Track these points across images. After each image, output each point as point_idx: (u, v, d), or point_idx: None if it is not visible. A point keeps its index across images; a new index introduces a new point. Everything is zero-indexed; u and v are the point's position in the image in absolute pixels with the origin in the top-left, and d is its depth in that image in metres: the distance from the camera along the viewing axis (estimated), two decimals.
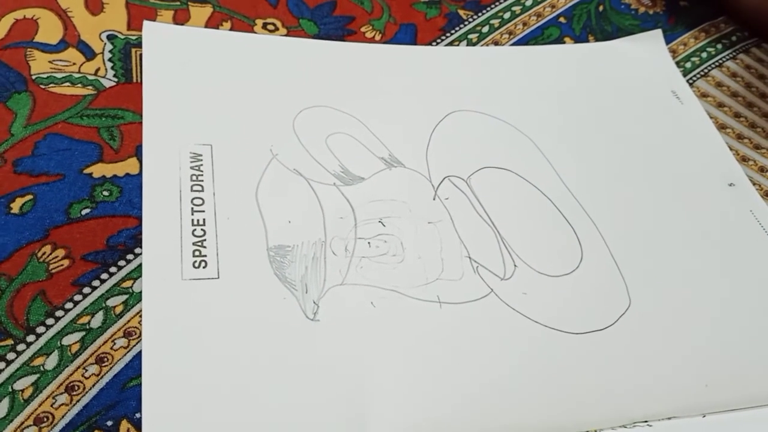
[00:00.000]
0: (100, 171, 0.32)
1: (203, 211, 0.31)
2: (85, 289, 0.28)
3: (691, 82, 0.44)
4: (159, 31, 0.37)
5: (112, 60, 0.35)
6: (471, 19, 0.44)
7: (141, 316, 0.28)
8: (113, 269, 0.29)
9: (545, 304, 0.32)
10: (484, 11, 0.44)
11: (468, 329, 0.30)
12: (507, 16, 0.45)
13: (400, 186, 0.34)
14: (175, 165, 0.32)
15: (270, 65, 0.37)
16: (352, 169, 0.34)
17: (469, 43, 0.43)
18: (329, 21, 0.41)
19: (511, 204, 0.35)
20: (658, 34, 0.46)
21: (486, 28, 0.44)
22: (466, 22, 0.44)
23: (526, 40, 0.44)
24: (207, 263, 0.29)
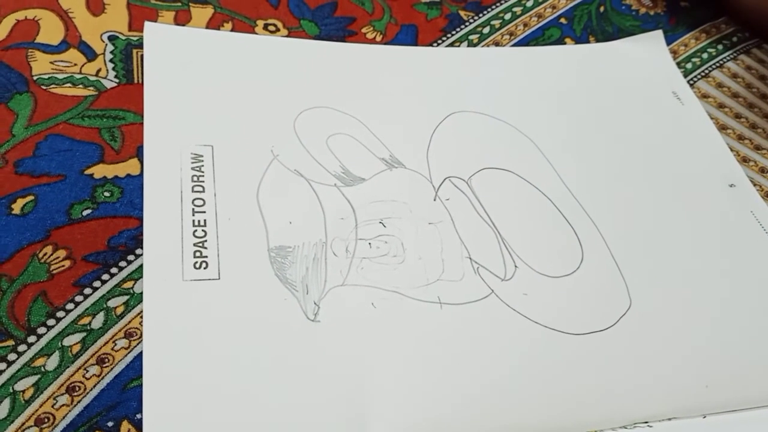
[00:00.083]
0: (101, 172, 0.32)
1: (204, 211, 0.31)
2: (86, 290, 0.28)
3: (691, 82, 0.44)
4: (160, 32, 0.37)
5: (113, 61, 0.35)
6: (472, 20, 0.44)
7: (142, 317, 0.28)
8: (114, 270, 0.29)
9: (546, 305, 0.32)
10: (485, 12, 0.44)
11: (468, 330, 0.30)
12: (508, 17, 0.45)
13: (401, 187, 0.34)
14: (176, 166, 0.32)
15: (271, 66, 0.37)
16: (352, 170, 0.34)
17: (470, 44, 0.43)
18: (330, 22, 0.41)
19: (512, 205, 0.35)
20: (658, 35, 0.46)
21: (487, 29, 0.44)
22: (467, 23, 0.44)
23: (526, 41, 0.44)
24: (208, 264, 0.29)
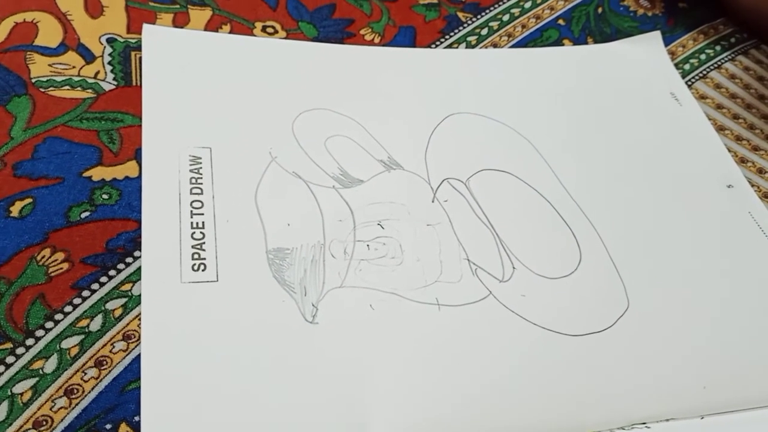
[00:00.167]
0: (99, 174, 0.32)
1: (202, 214, 0.31)
2: (85, 293, 0.28)
3: (689, 83, 0.44)
4: (158, 35, 0.37)
5: (111, 63, 0.36)
6: (470, 22, 0.44)
7: (140, 319, 0.28)
8: (112, 272, 0.29)
9: (544, 306, 0.32)
10: (483, 14, 0.44)
11: (467, 331, 0.30)
12: (506, 18, 0.45)
13: (399, 188, 0.34)
14: (174, 168, 0.32)
15: (269, 68, 0.37)
16: (351, 172, 0.34)
17: (468, 45, 0.43)
18: (328, 24, 0.41)
19: (510, 206, 0.35)
20: (656, 36, 0.46)
21: (485, 31, 0.44)
22: (465, 25, 0.44)
23: (525, 43, 0.44)
24: (206, 266, 0.29)
